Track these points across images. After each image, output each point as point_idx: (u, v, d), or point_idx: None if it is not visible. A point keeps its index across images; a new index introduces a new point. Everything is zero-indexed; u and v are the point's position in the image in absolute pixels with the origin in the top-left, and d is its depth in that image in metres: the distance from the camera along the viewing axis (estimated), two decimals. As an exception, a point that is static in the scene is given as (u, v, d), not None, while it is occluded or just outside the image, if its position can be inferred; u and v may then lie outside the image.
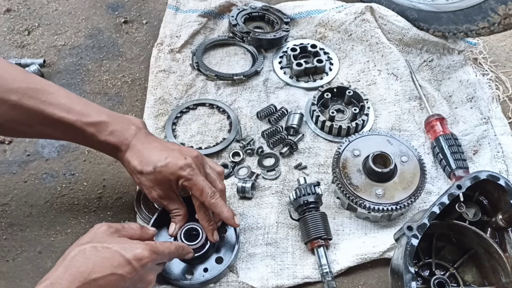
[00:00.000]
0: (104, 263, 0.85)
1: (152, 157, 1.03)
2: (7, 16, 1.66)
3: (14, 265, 1.14)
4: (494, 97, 1.41)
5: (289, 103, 1.42)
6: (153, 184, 1.04)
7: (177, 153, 1.04)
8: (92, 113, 1.04)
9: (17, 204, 1.24)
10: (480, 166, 1.28)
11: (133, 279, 0.88)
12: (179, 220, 1.09)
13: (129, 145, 1.05)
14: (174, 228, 1.09)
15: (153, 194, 1.06)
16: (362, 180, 1.16)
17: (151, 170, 1.02)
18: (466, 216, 1.03)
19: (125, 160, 1.06)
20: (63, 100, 1.02)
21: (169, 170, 1.02)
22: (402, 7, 1.52)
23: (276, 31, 1.57)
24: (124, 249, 0.88)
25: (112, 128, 1.04)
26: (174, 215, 1.09)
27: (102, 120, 1.04)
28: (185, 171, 1.02)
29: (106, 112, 1.07)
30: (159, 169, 1.02)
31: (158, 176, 1.03)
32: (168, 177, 1.03)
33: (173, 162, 1.02)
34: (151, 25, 1.66)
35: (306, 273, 1.12)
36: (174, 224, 1.09)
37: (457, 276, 1.05)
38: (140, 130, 1.08)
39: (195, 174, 1.03)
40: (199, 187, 1.03)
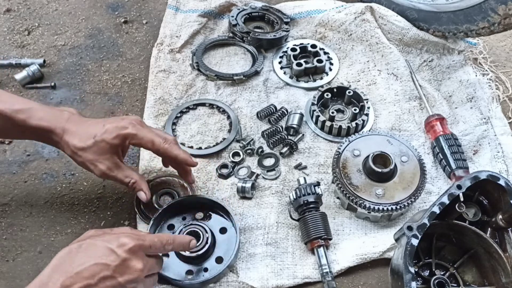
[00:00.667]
0: (89, 255, 0.86)
1: (90, 130, 1.03)
2: (7, 16, 1.66)
3: (14, 265, 1.14)
4: (494, 97, 1.41)
5: (289, 103, 1.42)
6: (98, 156, 1.02)
7: (113, 119, 1.05)
8: (21, 101, 1.04)
9: (17, 204, 1.24)
10: (480, 166, 1.28)
11: (118, 267, 0.86)
12: (139, 185, 1.08)
13: (64, 128, 1.03)
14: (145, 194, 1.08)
15: (101, 167, 1.03)
16: (362, 180, 1.16)
17: (92, 142, 1.01)
18: (466, 216, 1.03)
19: (64, 143, 1.04)
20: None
21: (111, 135, 1.01)
22: (402, 7, 1.52)
23: (276, 31, 1.57)
24: (108, 241, 0.88)
25: (43, 114, 1.03)
26: (132, 183, 1.07)
27: (31, 106, 1.03)
28: (128, 129, 1.02)
29: (36, 102, 1.06)
30: (100, 138, 1.01)
31: (101, 145, 1.01)
32: (111, 143, 1.02)
33: (112, 126, 1.02)
34: (151, 25, 1.66)
35: (306, 273, 1.12)
36: (141, 192, 1.08)
37: (457, 276, 1.05)
38: (74, 115, 1.07)
39: (139, 128, 1.03)
40: (148, 139, 1.03)
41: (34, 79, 1.47)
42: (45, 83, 1.48)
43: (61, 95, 1.46)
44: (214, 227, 1.15)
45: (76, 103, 1.44)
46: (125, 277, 0.87)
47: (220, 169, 1.28)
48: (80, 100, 1.45)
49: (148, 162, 1.29)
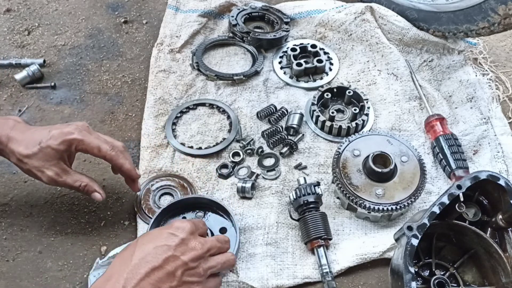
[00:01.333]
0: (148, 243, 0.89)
1: (35, 137, 1.02)
2: (7, 16, 1.66)
3: (14, 265, 1.14)
4: (494, 97, 1.41)
5: (289, 103, 1.42)
6: (44, 162, 1.01)
7: (59, 126, 1.04)
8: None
9: (17, 204, 1.24)
10: (480, 166, 1.28)
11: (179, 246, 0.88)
12: (91, 187, 1.07)
13: (9, 136, 1.02)
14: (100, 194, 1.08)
15: (48, 174, 1.03)
16: (362, 180, 1.16)
17: (38, 149, 1.00)
18: (466, 216, 1.03)
19: (9, 151, 1.03)
20: None
21: (56, 141, 1.01)
22: (402, 7, 1.52)
23: (276, 31, 1.57)
24: (164, 228, 0.93)
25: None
26: (83, 186, 1.07)
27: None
28: (74, 134, 1.01)
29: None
30: (45, 144, 1.00)
31: (46, 151, 1.00)
32: (57, 149, 1.01)
33: (58, 132, 1.01)
34: (151, 25, 1.66)
35: (306, 273, 1.12)
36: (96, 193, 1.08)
37: (457, 276, 1.05)
38: (19, 123, 1.06)
39: (85, 134, 1.02)
40: (95, 145, 1.03)
41: (34, 79, 1.47)
42: (45, 83, 1.48)
43: (61, 95, 1.46)
44: (214, 227, 1.15)
45: (76, 103, 1.44)
46: (188, 255, 0.89)
47: (220, 169, 1.28)
48: (80, 100, 1.45)
49: (148, 162, 1.29)
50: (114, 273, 0.85)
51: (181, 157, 1.31)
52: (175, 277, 0.86)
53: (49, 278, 1.12)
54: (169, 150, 1.32)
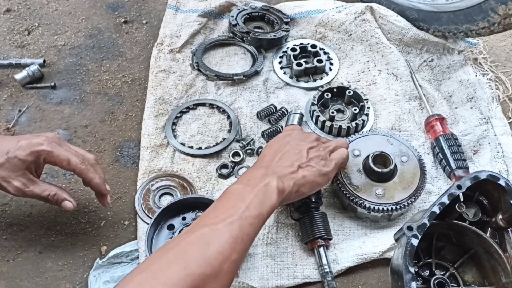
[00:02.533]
0: (293, 140, 1.09)
1: (2, 147, 0.98)
2: (7, 16, 1.66)
3: (14, 265, 1.14)
4: (494, 97, 1.41)
5: (289, 103, 1.42)
6: (10, 172, 0.98)
7: (28, 136, 1.01)
8: None
9: (17, 204, 1.24)
10: (480, 166, 1.28)
11: (299, 136, 1.10)
12: (60, 196, 1.05)
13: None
14: (71, 202, 1.06)
15: (15, 184, 1.00)
16: (362, 180, 1.16)
17: (5, 159, 0.97)
18: (466, 216, 1.03)
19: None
20: None
21: (24, 151, 0.98)
22: (402, 7, 1.52)
23: (276, 31, 1.57)
24: (315, 149, 1.09)
25: None
26: (52, 195, 1.03)
27: None
28: (43, 145, 0.99)
29: None
30: (12, 154, 0.97)
31: (13, 162, 0.98)
32: (25, 159, 0.98)
33: (26, 142, 0.99)
34: (151, 25, 1.66)
35: (306, 273, 1.12)
36: (66, 201, 1.05)
37: (457, 276, 1.05)
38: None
39: (54, 146, 1.00)
40: (64, 157, 1.01)
41: (34, 79, 1.47)
42: (45, 83, 1.48)
43: (61, 95, 1.46)
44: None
45: (76, 103, 1.44)
46: (307, 142, 1.08)
47: (220, 169, 1.28)
48: (80, 100, 1.45)
49: (148, 162, 1.29)
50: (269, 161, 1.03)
51: (181, 157, 1.31)
52: (303, 155, 1.04)
53: (49, 278, 1.12)
54: (169, 150, 1.32)
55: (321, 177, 1.04)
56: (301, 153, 1.04)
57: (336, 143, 1.14)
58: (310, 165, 1.03)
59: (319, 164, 1.04)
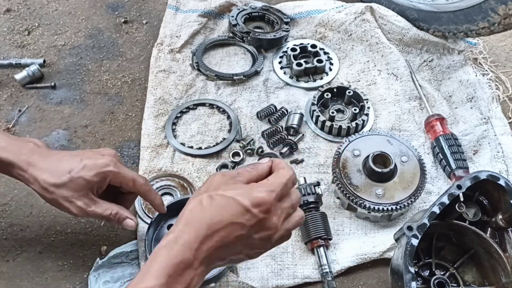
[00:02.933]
0: (222, 212, 0.78)
1: (63, 165, 0.94)
2: (7, 16, 1.66)
3: (14, 265, 1.14)
4: (494, 97, 1.41)
5: (289, 103, 1.42)
6: (74, 192, 0.95)
7: (90, 154, 0.98)
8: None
9: (17, 204, 1.24)
10: (480, 166, 1.28)
11: (254, 227, 0.78)
12: (122, 215, 1.01)
13: (30, 162, 0.95)
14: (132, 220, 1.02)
15: (78, 204, 0.96)
16: (362, 180, 1.16)
17: (68, 178, 0.94)
18: (466, 216, 1.03)
19: (30, 178, 0.96)
20: None
21: (90, 172, 0.94)
22: (402, 7, 1.52)
23: (276, 31, 1.57)
24: (241, 194, 0.78)
25: (5, 144, 0.95)
26: (114, 214, 1.00)
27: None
28: (110, 167, 0.95)
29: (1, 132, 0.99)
30: (76, 174, 0.93)
31: (78, 182, 0.94)
32: (91, 180, 0.95)
33: (91, 163, 0.95)
34: (151, 25, 1.66)
35: (306, 273, 1.12)
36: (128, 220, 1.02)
37: (457, 276, 1.05)
38: (40, 147, 0.98)
39: (120, 166, 0.98)
40: (130, 178, 0.98)
41: (34, 79, 1.47)
42: (45, 83, 1.48)
43: (61, 95, 1.46)
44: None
45: (76, 103, 1.44)
46: (261, 234, 0.80)
47: (220, 169, 1.28)
48: (80, 100, 1.45)
49: (148, 162, 1.29)
50: (185, 233, 0.78)
51: (181, 157, 1.31)
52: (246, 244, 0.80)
53: (49, 278, 1.12)
54: (169, 150, 1.32)
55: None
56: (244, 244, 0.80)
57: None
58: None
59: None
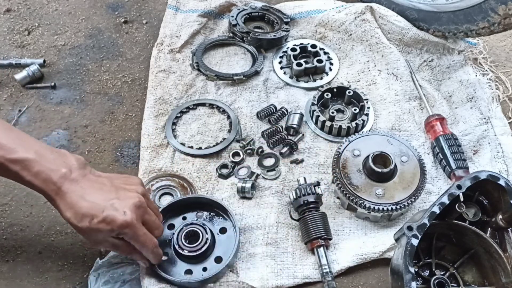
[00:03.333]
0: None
1: (86, 209, 0.93)
2: (7, 16, 1.66)
3: (14, 265, 1.14)
4: (494, 97, 1.41)
5: (289, 103, 1.42)
6: (92, 238, 0.96)
7: (114, 203, 0.95)
8: (20, 148, 0.93)
9: (17, 204, 1.24)
10: (480, 166, 1.28)
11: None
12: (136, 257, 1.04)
13: (58, 191, 0.94)
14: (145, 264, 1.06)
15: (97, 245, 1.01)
16: (362, 180, 1.16)
17: (86, 226, 0.93)
18: (466, 216, 1.03)
19: (57, 208, 0.96)
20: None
21: (107, 227, 0.93)
22: (402, 7, 1.52)
23: (276, 31, 1.57)
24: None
25: (38, 169, 0.93)
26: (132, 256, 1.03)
27: (27, 158, 0.93)
28: (125, 229, 0.94)
29: (38, 148, 0.95)
30: (95, 226, 0.93)
31: (95, 232, 0.94)
32: (105, 233, 0.94)
33: (110, 217, 0.93)
34: (151, 25, 1.66)
35: (306, 273, 1.12)
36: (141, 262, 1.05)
37: (457, 276, 1.05)
38: (73, 173, 0.95)
39: (135, 230, 0.96)
40: (139, 242, 0.98)
41: (34, 79, 1.47)
42: (45, 83, 1.48)
43: (61, 95, 1.46)
44: (214, 227, 1.15)
45: (76, 103, 1.44)
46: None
47: (220, 169, 1.28)
48: (80, 100, 1.45)
49: (148, 162, 1.29)
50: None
51: (181, 157, 1.31)
52: None
53: (49, 278, 1.12)
54: (169, 150, 1.32)
55: None
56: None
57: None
58: None
59: None
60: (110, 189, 0.98)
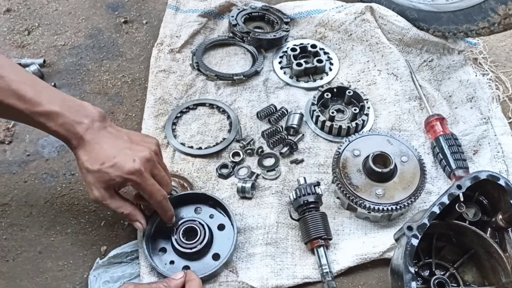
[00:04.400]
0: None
1: (100, 154, 1.00)
2: (7, 16, 1.66)
3: (14, 265, 1.14)
4: (494, 97, 1.41)
5: (289, 103, 1.42)
6: (96, 182, 1.00)
7: (127, 152, 1.01)
8: (44, 101, 0.98)
9: (17, 204, 1.24)
10: (480, 166, 1.28)
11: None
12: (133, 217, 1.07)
13: (80, 140, 1.00)
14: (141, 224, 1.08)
15: (95, 194, 1.01)
16: (362, 180, 1.16)
17: (97, 168, 0.99)
18: (466, 216, 1.03)
19: (76, 155, 1.02)
20: (15, 86, 0.97)
21: (115, 172, 0.99)
22: (402, 7, 1.52)
23: (276, 31, 1.57)
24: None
25: (63, 120, 0.99)
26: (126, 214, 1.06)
27: (52, 110, 0.98)
28: (132, 175, 0.99)
29: (61, 101, 1.01)
30: (105, 169, 0.98)
31: (103, 175, 0.99)
32: (113, 178, 0.99)
33: (120, 163, 0.99)
34: (151, 25, 1.66)
35: (306, 273, 1.12)
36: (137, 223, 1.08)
37: (457, 276, 1.05)
38: (94, 124, 1.02)
39: (143, 178, 1.01)
40: (147, 191, 1.02)
41: (34, 79, 1.47)
42: (45, 83, 1.48)
43: (61, 95, 1.46)
44: (213, 224, 1.15)
45: (76, 103, 1.44)
46: None
47: (220, 169, 1.28)
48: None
49: (148, 162, 1.28)
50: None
51: (181, 157, 1.31)
52: None
53: (49, 278, 1.13)
54: (169, 150, 1.32)
55: None
56: None
57: None
58: None
59: None
60: (125, 141, 1.04)
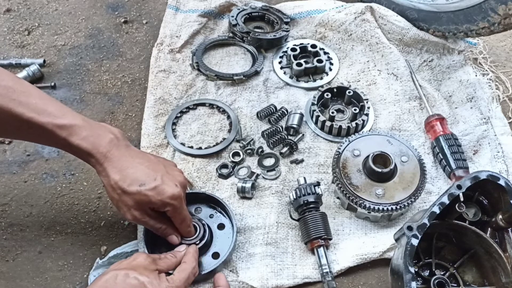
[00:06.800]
0: None
1: (138, 175, 0.97)
2: (7, 16, 1.66)
3: (14, 265, 1.14)
4: (494, 97, 1.41)
5: (289, 103, 1.42)
6: (136, 204, 0.98)
7: (166, 178, 1.00)
8: (66, 116, 0.97)
9: (17, 204, 1.24)
10: (480, 166, 1.28)
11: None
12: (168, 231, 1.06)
13: (106, 155, 0.97)
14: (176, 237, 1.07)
15: (135, 214, 1.00)
16: (362, 180, 1.16)
17: (136, 190, 0.96)
18: (466, 216, 1.03)
19: (103, 172, 0.98)
20: (35, 101, 0.95)
21: (157, 196, 0.97)
22: (402, 7, 1.52)
23: (276, 31, 1.57)
24: (151, 283, 0.90)
25: (86, 133, 0.97)
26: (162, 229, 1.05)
27: (75, 123, 0.97)
28: (175, 201, 0.99)
29: (82, 118, 1.00)
30: (145, 191, 0.96)
31: (143, 198, 0.97)
32: (154, 202, 0.98)
33: (162, 188, 0.98)
34: (151, 25, 1.66)
35: (306, 273, 1.12)
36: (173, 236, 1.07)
37: (457, 276, 1.05)
38: (119, 140, 1.01)
39: (182, 204, 1.01)
40: (182, 217, 1.03)
41: (34, 79, 1.47)
42: (45, 83, 1.48)
43: (61, 95, 1.46)
44: (212, 224, 1.15)
45: (76, 103, 1.44)
46: None
47: (220, 169, 1.28)
48: (80, 100, 1.45)
49: (148, 162, 1.28)
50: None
51: (181, 157, 1.31)
52: None
53: (49, 278, 1.13)
54: (169, 150, 1.32)
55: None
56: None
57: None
58: None
59: None
60: (158, 163, 1.03)
